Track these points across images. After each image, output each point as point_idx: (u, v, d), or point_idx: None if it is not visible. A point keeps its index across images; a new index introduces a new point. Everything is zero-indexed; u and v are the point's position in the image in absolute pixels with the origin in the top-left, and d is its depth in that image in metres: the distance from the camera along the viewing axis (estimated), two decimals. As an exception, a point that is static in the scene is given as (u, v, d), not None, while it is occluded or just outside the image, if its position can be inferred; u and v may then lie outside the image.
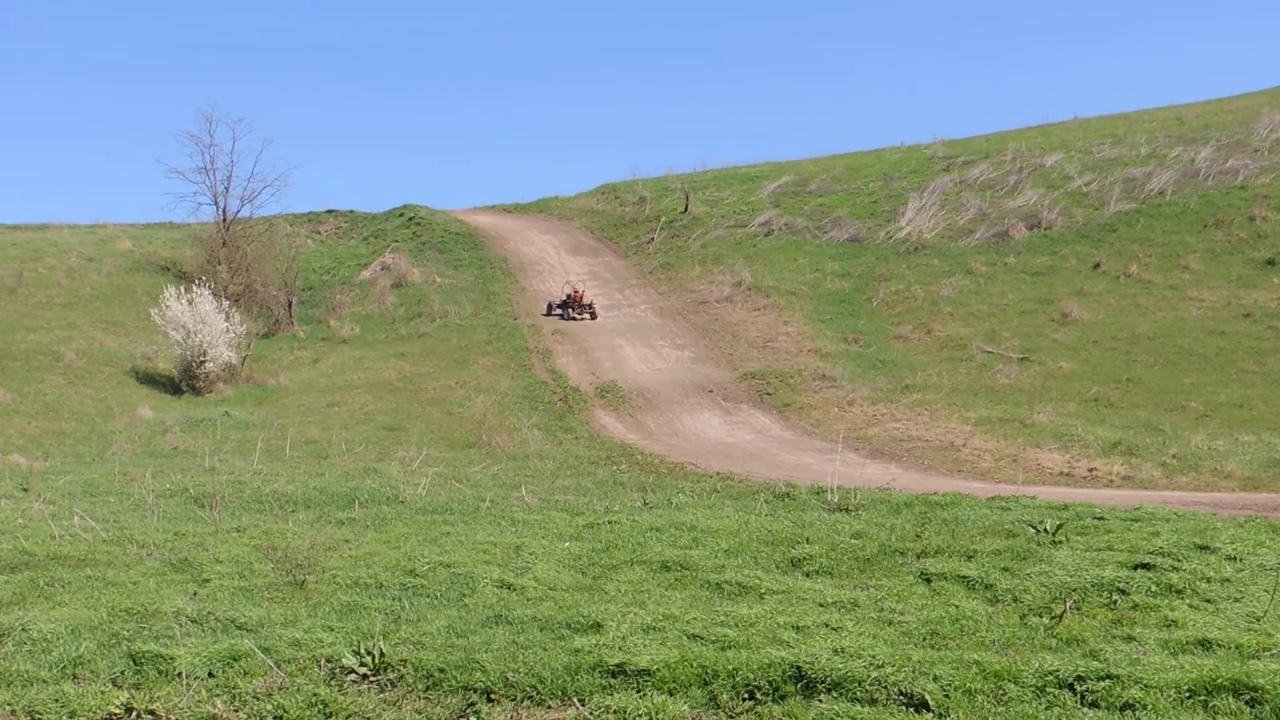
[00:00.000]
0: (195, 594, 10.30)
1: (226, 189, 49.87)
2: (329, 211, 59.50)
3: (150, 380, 35.90)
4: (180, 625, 9.12)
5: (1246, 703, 6.84)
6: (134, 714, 7.55)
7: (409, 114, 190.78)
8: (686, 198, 52.49)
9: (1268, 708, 6.75)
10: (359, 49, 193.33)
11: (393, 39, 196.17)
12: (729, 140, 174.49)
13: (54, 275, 45.24)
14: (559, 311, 40.54)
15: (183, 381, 35.47)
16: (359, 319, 42.67)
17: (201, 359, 35.03)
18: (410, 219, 54.45)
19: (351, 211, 59.29)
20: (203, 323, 35.02)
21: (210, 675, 8.12)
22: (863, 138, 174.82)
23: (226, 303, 37.61)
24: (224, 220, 49.49)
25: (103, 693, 7.85)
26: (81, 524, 13.64)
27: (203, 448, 24.55)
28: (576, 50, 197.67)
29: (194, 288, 36.28)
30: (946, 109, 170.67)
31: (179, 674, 8.06)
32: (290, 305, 43.55)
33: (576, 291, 41.10)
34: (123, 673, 8.20)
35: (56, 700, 7.73)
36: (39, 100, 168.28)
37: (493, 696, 7.55)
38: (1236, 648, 7.81)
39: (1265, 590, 9.19)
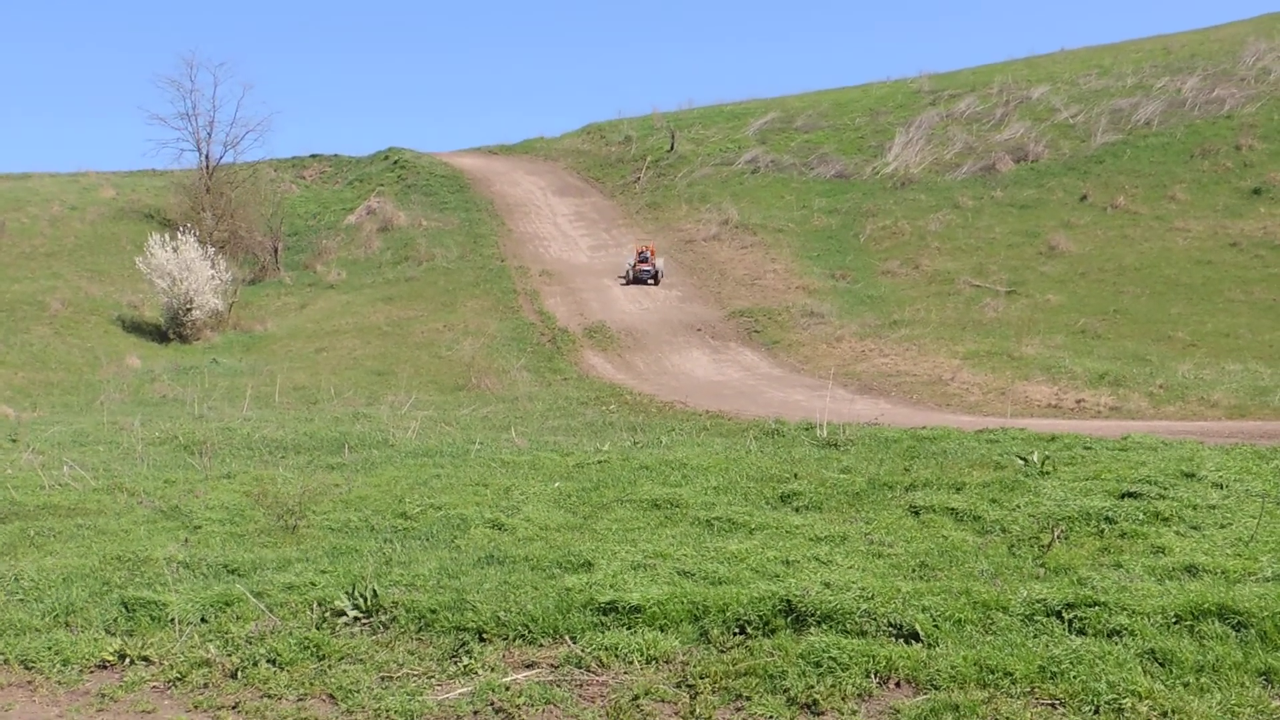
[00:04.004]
0: (186, 540, 10.32)
1: (209, 135, 49.63)
2: (313, 156, 59.10)
3: (137, 329, 35.80)
4: (172, 571, 9.14)
5: (1232, 626, 6.89)
6: (127, 660, 7.57)
7: (392, 55, 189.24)
8: (672, 136, 52.22)
9: (1253, 631, 6.81)
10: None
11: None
12: (715, 77, 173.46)
13: (37, 224, 44.96)
14: (631, 273, 37.48)
15: (170, 329, 35.39)
16: (345, 264, 42.50)
17: (188, 306, 34.93)
18: (395, 162, 54.16)
19: (336, 155, 58.90)
20: (188, 270, 34.87)
21: (203, 620, 8.15)
22: (849, 72, 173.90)
23: (212, 249, 37.47)
24: (207, 166, 49.18)
25: (95, 640, 7.87)
26: (71, 473, 13.64)
27: (191, 395, 24.52)
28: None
29: (179, 235, 36.08)
30: (933, 42, 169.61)
31: (171, 620, 8.09)
32: (276, 251, 43.36)
33: (644, 247, 38.63)
34: (115, 620, 8.22)
35: (49, 648, 7.75)
36: (17, 48, 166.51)
37: (484, 636, 7.59)
38: (1223, 573, 7.86)
39: (1251, 516, 9.24)
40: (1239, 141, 40.78)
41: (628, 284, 36.97)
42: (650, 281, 36.83)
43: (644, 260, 37.35)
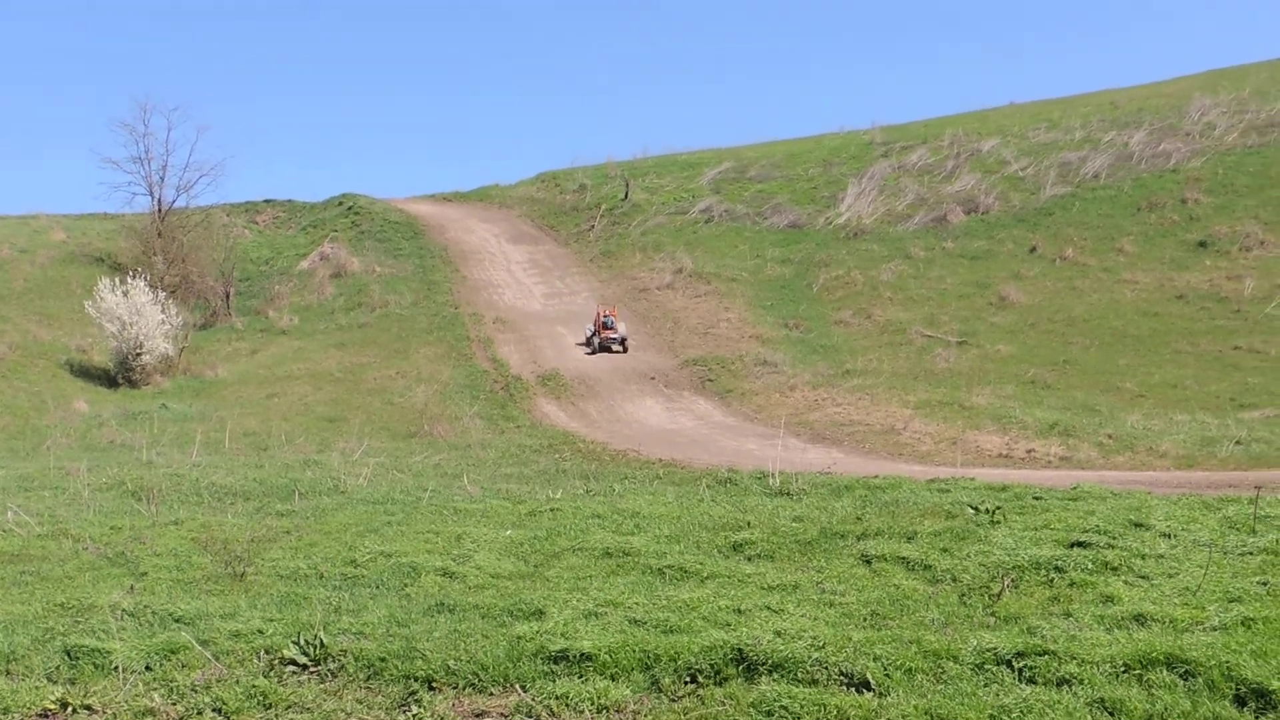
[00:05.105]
0: (132, 588, 10.18)
1: (162, 178, 49.22)
2: (266, 201, 58.83)
3: (85, 373, 35.39)
4: (117, 619, 9.00)
5: (1180, 675, 6.94)
6: (69, 709, 7.45)
7: (348, 102, 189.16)
8: (626, 185, 52.43)
9: (1200, 680, 6.86)
10: (295, 35, 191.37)
11: (329, 24, 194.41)
12: (669, 127, 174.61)
13: (-15, 268, 44.49)
14: (596, 341, 34.77)
15: (119, 374, 35.00)
16: (298, 309, 42.27)
17: (138, 351, 34.57)
18: (349, 208, 54.03)
19: (289, 201, 58.65)
20: (138, 314, 34.54)
21: (148, 669, 8.03)
22: (802, 124, 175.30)
23: (163, 294, 37.14)
24: (159, 210, 48.79)
25: (37, 688, 7.74)
26: (15, 519, 13.44)
27: (140, 441, 24.25)
28: (516, 37, 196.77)
29: (129, 279, 35.72)
30: (885, 95, 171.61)
31: (115, 668, 7.96)
32: (228, 296, 43.08)
33: (608, 312, 35.81)
34: (58, 668, 8.09)
35: (-11, 697, 7.61)
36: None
37: (434, 685, 7.52)
38: (1171, 622, 7.92)
39: (1199, 565, 9.34)
40: (1185, 195, 41.47)
41: (593, 353, 34.54)
42: (617, 349, 34.52)
43: (608, 326, 34.80)
